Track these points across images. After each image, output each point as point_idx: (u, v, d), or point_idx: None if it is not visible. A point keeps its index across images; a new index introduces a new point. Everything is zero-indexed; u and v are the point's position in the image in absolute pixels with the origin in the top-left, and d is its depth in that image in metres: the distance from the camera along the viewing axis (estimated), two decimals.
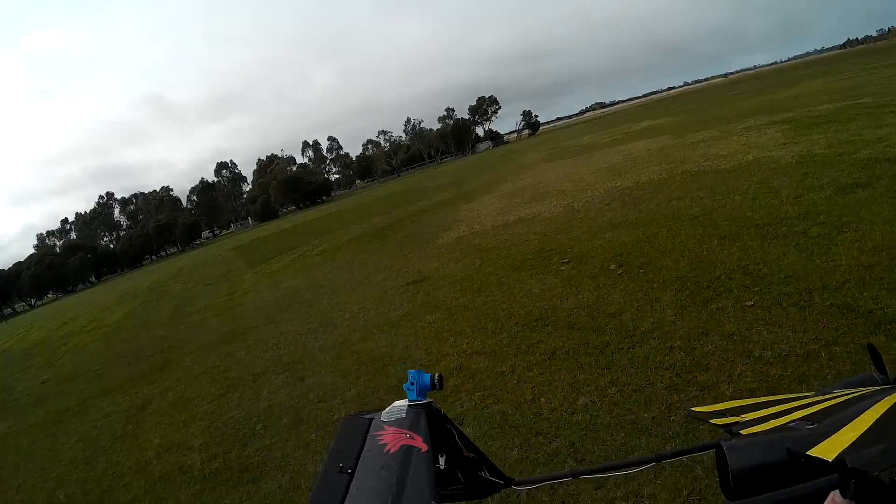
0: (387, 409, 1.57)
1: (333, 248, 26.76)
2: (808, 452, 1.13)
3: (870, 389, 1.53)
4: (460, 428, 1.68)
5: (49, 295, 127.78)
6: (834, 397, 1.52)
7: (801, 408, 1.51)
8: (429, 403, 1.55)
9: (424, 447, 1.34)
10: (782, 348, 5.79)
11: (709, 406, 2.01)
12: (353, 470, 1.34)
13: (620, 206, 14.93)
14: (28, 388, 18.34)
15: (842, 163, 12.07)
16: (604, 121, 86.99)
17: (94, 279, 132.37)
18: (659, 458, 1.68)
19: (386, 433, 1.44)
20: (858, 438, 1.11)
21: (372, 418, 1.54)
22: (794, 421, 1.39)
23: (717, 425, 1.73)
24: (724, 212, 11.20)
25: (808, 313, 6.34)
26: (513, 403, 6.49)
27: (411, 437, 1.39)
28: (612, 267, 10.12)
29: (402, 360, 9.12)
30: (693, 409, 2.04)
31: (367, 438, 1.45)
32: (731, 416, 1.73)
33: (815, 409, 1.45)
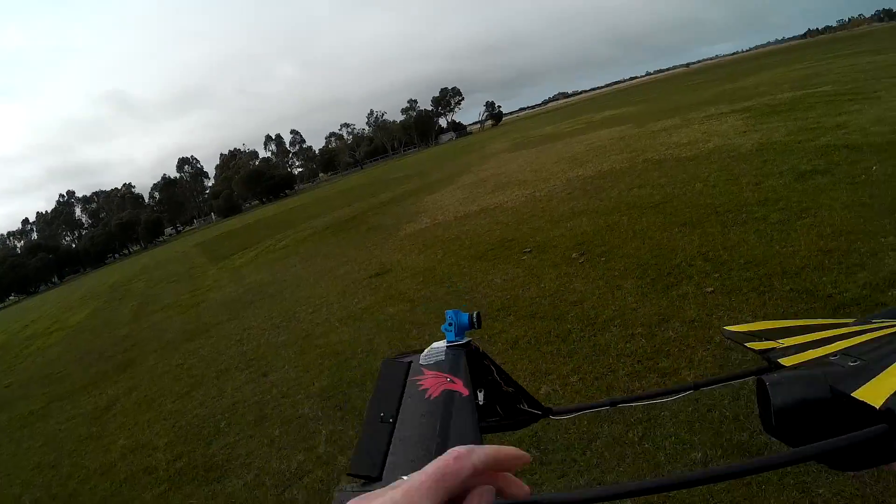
0: (425, 351, 1.51)
1: (297, 242, 26.65)
2: (852, 394, 1.07)
3: None
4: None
5: (11, 297, 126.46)
6: (875, 328, 1.45)
7: (841, 338, 1.45)
8: (467, 343, 1.49)
9: (466, 391, 1.29)
10: None
11: (742, 325, 1.96)
12: (395, 419, 1.29)
13: (582, 195, 14.96)
14: None
15: (801, 150, 12.15)
16: (566, 111, 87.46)
17: (56, 279, 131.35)
18: (696, 387, 1.70)
19: (426, 377, 1.38)
20: None
21: (410, 362, 1.49)
22: (834, 354, 1.33)
23: (752, 350, 1.68)
24: (685, 199, 11.25)
25: (767, 298, 6.37)
26: None
27: (452, 380, 1.33)
28: (573, 255, 10.12)
29: (365, 352, 9.06)
30: (726, 328, 1.99)
31: (407, 384, 1.39)
32: (766, 339, 1.68)
33: (857, 342, 1.39)
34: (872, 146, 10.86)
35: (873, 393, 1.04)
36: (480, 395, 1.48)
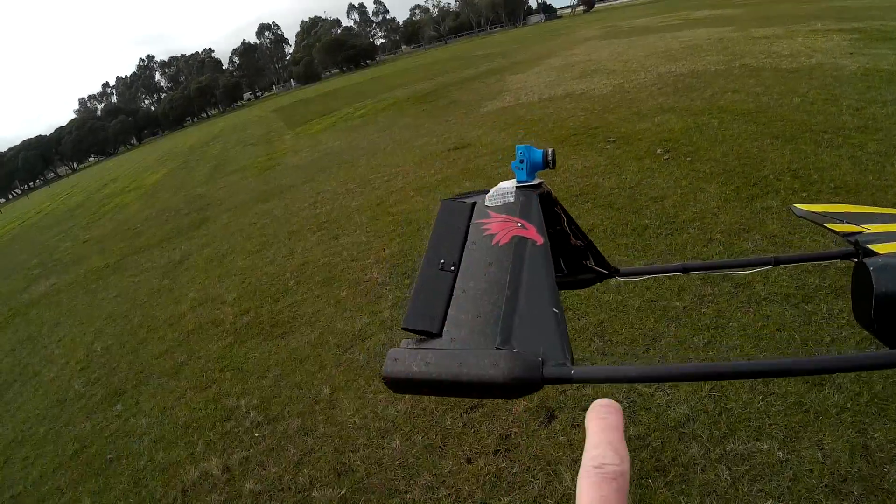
0: (491, 191, 1.34)
1: (375, 112, 26.57)
2: None
3: None
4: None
5: (91, 158, 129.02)
6: None
7: None
8: (540, 184, 1.32)
9: (540, 239, 1.12)
10: None
11: (816, 205, 1.85)
12: (457, 267, 1.16)
13: (672, 92, 14.56)
14: (69, 248, 18.67)
15: None
16: (664, 4, 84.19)
17: (135, 142, 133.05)
18: (777, 262, 1.56)
19: (493, 221, 1.22)
20: None
21: (475, 202, 1.33)
22: None
23: (835, 232, 1.54)
24: (780, 111, 10.87)
25: None
26: None
27: (523, 226, 1.17)
28: (658, 151, 9.93)
29: None
30: (797, 205, 1.87)
31: (471, 228, 1.24)
32: (848, 222, 1.54)
33: None
34: None
35: None
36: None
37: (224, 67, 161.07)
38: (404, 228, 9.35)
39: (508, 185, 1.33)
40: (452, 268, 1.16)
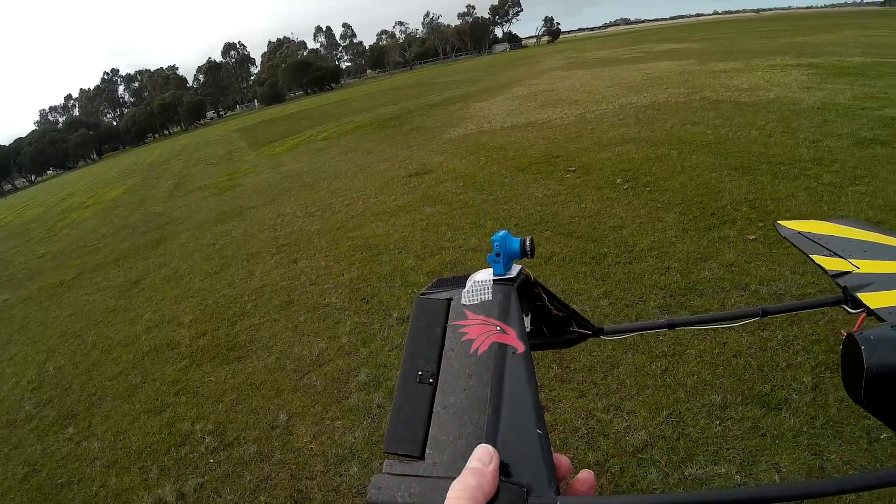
0: (468, 284, 1.21)
1: (338, 135, 26.61)
2: None
3: None
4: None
5: (49, 171, 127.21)
6: None
7: None
8: (517, 275, 1.20)
9: (521, 346, 1.03)
10: (779, 286, 5.79)
11: (801, 222, 1.87)
12: (436, 379, 1.07)
13: (633, 123, 14.77)
14: (24, 263, 18.34)
15: (864, 116, 11.80)
16: (627, 37, 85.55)
17: (95, 156, 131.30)
18: (765, 313, 1.50)
19: (470, 323, 1.12)
20: None
21: (450, 299, 1.20)
22: None
23: (822, 268, 1.55)
24: (738, 143, 11.06)
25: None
26: None
27: (502, 330, 1.07)
28: (618, 181, 10.05)
29: (397, 248, 9.17)
30: (780, 222, 1.90)
31: (448, 330, 1.14)
32: (836, 254, 1.56)
33: None
34: None
35: None
36: (527, 321, 1.30)
37: (189, 85, 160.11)
38: (363, 253, 9.34)
39: (485, 278, 1.22)
40: (431, 380, 1.08)
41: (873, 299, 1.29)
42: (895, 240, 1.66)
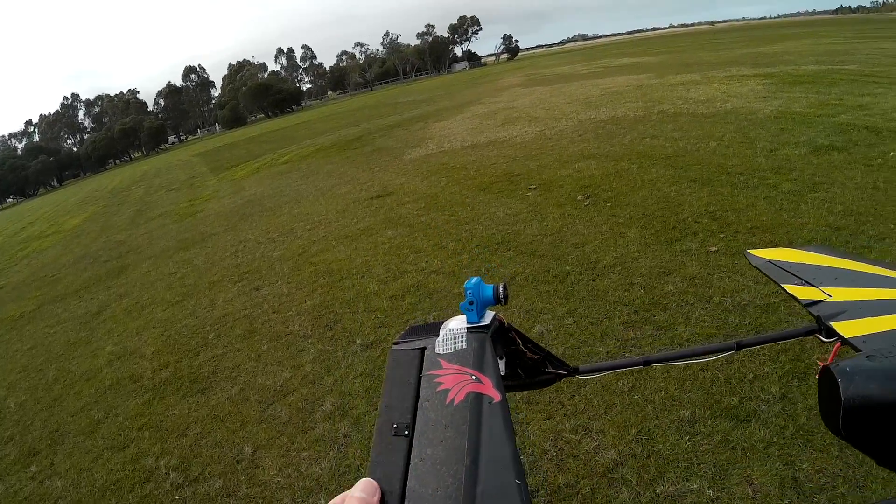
0: (441, 332, 1.24)
1: (299, 158, 26.52)
2: None
3: None
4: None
5: (9, 199, 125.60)
6: None
7: None
8: (491, 322, 1.24)
9: (497, 396, 1.05)
10: (742, 297, 5.81)
11: (770, 251, 1.86)
12: (412, 430, 1.06)
13: (593, 138, 14.86)
14: None
15: (820, 124, 12.01)
16: (585, 53, 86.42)
17: (55, 183, 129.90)
18: (739, 346, 1.51)
19: (445, 373, 1.13)
20: None
21: (424, 348, 1.22)
22: None
23: (794, 298, 1.53)
24: (698, 155, 11.16)
25: None
26: None
27: (478, 379, 1.09)
28: (579, 197, 10.08)
29: (360, 273, 9.10)
30: (750, 251, 1.87)
31: (423, 381, 1.14)
32: (808, 282, 1.55)
33: None
34: (892, 132, 10.74)
35: None
36: (502, 364, 1.34)
37: (149, 109, 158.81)
38: (326, 279, 9.26)
39: (459, 326, 1.25)
40: (406, 432, 1.07)
41: (847, 328, 1.29)
42: (865, 266, 1.66)
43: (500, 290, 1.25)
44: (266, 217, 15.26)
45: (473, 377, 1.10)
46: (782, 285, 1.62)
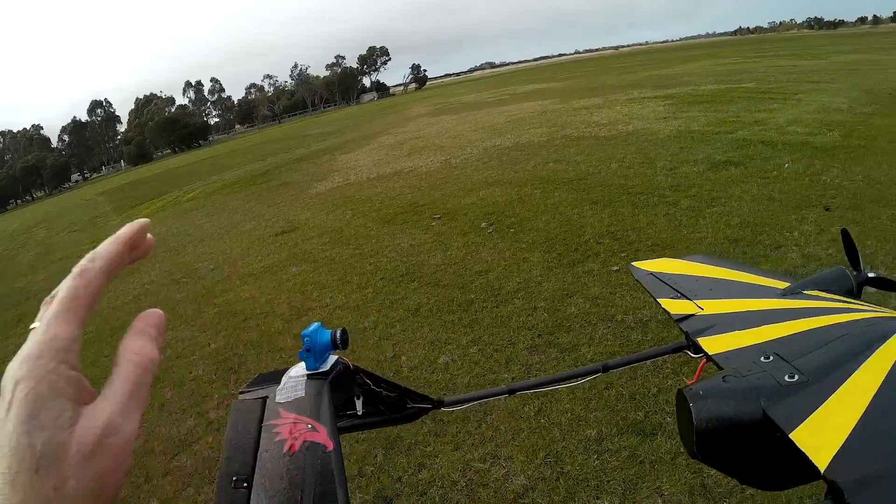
0: (283, 380, 1.22)
1: (205, 195, 26.17)
2: (790, 435, 0.93)
3: (853, 311, 1.33)
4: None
5: None
6: (808, 310, 1.33)
7: (772, 316, 1.32)
8: (331, 368, 1.22)
9: (330, 444, 1.04)
10: (644, 314, 5.87)
11: (653, 262, 1.88)
12: (250, 483, 1.04)
13: (497, 165, 14.97)
14: None
15: (718, 141, 12.41)
16: (492, 80, 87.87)
17: None
18: (605, 368, 1.63)
19: (284, 421, 1.12)
20: (850, 438, 0.89)
21: (266, 397, 1.20)
22: (767, 354, 1.16)
23: (668, 313, 1.54)
24: (599, 178, 11.31)
25: None
26: (373, 361, 6.37)
27: (313, 428, 1.08)
28: (483, 225, 10.09)
29: (264, 313, 8.91)
30: (634, 263, 1.90)
31: (263, 430, 1.12)
32: (683, 294, 1.55)
33: (791, 331, 1.24)
34: (787, 144, 11.15)
35: (815, 441, 0.91)
36: (359, 404, 1.35)
37: (53, 145, 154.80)
38: (230, 320, 9.05)
39: (299, 373, 1.23)
40: (245, 485, 1.04)
41: (713, 343, 1.30)
42: (741, 274, 1.68)
43: (338, 335, 1.23)
44: (170, 257, 14.93)
45: (309, 426, 1.09)
46: (658, 299, 1.65)
